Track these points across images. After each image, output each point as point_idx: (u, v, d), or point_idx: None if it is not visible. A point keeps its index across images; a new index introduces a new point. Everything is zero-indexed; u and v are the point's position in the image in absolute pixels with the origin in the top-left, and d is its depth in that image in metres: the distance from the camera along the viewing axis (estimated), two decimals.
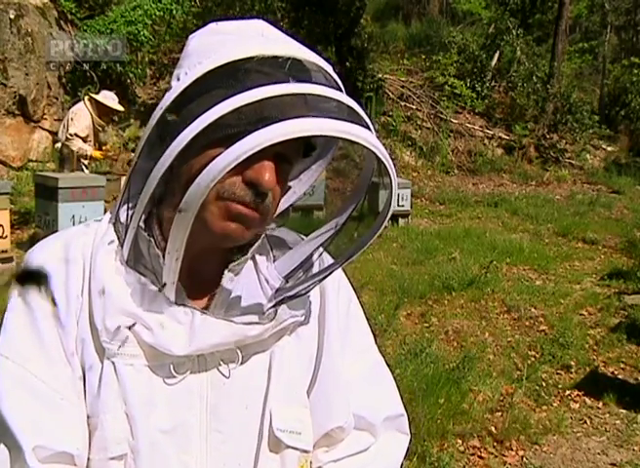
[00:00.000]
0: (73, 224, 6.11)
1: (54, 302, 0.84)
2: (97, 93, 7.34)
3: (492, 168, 13.71)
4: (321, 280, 0.91)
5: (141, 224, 0.85)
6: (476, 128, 14.54)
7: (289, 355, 0.92)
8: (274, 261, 0.95)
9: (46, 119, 9.70)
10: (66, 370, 0.83)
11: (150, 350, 0.84)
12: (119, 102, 7.11)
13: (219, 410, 0.87)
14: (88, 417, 0.84)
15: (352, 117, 0.79)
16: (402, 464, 1.03)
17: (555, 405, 4.15)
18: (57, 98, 10.01)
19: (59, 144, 7.11)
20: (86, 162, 6.96)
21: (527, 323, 5.44)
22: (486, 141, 14.40)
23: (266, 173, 0.79)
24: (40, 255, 0.88)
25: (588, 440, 3.76)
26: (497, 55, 15.75)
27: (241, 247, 0.90)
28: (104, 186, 6.47)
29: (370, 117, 0.81)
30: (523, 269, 7.03)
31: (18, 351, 0.83)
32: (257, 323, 0.86)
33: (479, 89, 14.88)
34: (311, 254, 0.94)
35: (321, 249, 0.94)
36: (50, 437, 0.80)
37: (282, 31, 0.87)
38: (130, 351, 0.83)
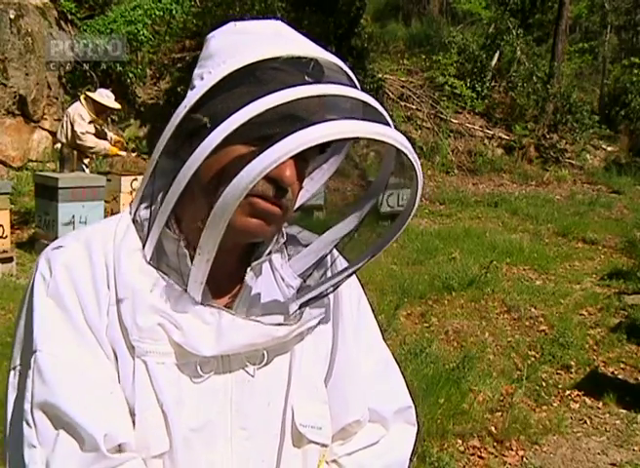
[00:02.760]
0: (73, 224, 6.12)
1: (84, 302, 0.84)
2: (94, 91, 7.34)
3: (492, 168, 13.71)
4: (342, 281, 0.92)
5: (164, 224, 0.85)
6: (476, 128, 14.53)
7: (308, 352, 0.93)
8: (289, 260, 0.96)
9: (46, 119, 9.70)
10: (107, 366, 0.84)
11: (178, 349, 0.84)
12: (116, 100, 7.10)
13: (242, 408, 0.88)
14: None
15: (376, 117, 0.80)
16: (413, 453, 1.05)
17: (555, 405, 4.15)
18: (57, 98, 10.01)
19: (58, 145, 7.11)
20: (86, 161, 6.97)
21: (527, 323, 5.44)
22: (486, 141, 14.40)
23: (287, 169, 0.80)
24: (63, 256, 0.87)
25: (588, 440, 3.76)
26: (497, 55, 15.73)
27: (259, 244, 0.91)
28: (104, 186, 6.48)
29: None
30: (523, 269, 7.03)
31: (62, 348, 0.82)
32: (283, 324, 0.87)
33: (479, 89, 14.86)
34: (326, 254, 0.95)
35: (335, 248, 0.95)
36: (111, 428, 0.80)
37: (298, 31, 0.88)
38: (161, 349, 0.84)
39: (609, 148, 16.10)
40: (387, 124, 0.79)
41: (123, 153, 7.27)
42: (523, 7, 16.56)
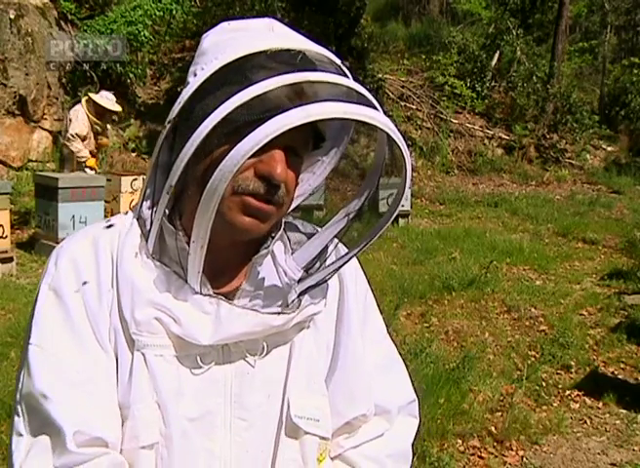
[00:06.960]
0: (73, 224, 6.12)
1: (86, 296, 0.86)
2: (96, 93, 7.35)
3: (492, 168, 13.71)
4: (340, 267, 0.94)
5: (165, 218, 0.87)
6: (476, 128, 14.53)
7: (307, 345, 0.95)
8: (292, 253, 0.97)
9: (46, 119, 9.70)
10: (100, 360, 0.85)
11: (178, 341, 0.86)
12: (117, 102, 7.09)
13: (242, 399, 0.89)
14: (120, 408, 0.85)
15: (363, 102, 0.80)
16: (413, 445, 1.08)
17: (555, 405, 4.15)
18: (57, 98, 10.00)
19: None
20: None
21: (527, 323, 5.44)
22: (486, 141, 14.40)
23: (277, 164, 0.81)
24: (70, 251, 0.89)
25: (588, 440, 3.76)
26: (497, 55, 15.74)
27: (261, 238, 0.93)
28: (104, 186, 6.49)
29: (380, 103, 0.82)
30: (523, 269, 7.03)
31: (52, 341, 0.84)
32: (281, 313, 0.88)
33: (479, 89, 14.87)
34: (327, 245, 0.96)
35: (336, 239, 0.97)
36: (87, 423, 0.82)
37: (291, 28, 0.89)
38: (159, 342, 0.85)
39: (609, 148, 16.11)
40: (375, 109, 0.80)
41: (96, 168, 7.10)
42: (523, 7, 16.55)
